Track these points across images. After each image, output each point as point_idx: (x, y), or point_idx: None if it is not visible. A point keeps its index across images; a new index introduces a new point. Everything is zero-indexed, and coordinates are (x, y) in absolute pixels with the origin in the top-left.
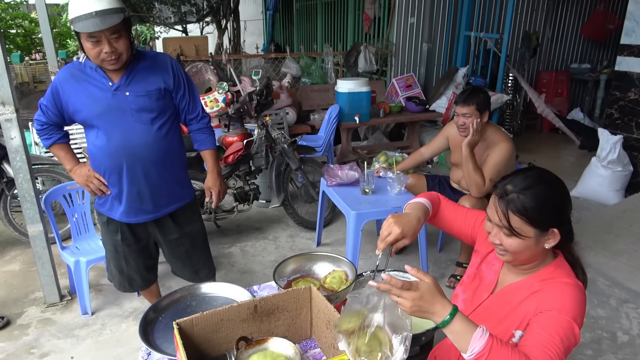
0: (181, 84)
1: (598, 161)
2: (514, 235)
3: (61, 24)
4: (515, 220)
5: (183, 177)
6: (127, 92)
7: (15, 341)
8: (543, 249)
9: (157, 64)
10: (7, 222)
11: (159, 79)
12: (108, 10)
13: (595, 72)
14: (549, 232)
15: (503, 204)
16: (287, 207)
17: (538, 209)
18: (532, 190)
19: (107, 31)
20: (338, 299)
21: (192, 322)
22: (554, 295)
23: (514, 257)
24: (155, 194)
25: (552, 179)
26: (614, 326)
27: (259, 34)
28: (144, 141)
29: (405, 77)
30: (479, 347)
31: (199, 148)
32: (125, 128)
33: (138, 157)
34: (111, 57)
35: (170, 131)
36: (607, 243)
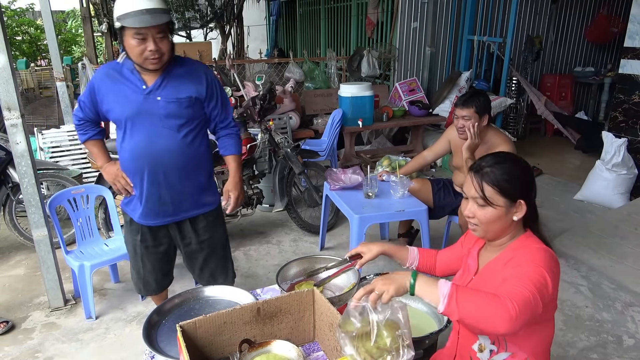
0: (214, 94)
1: (602, 164)
2: (487, 205)
3: (66, 31)
4: (489, 190)
5: (207, 184)
6: (158, 97)
7: (19, 345)
8: (512, 221)
9: (192, 72)
10: (12, 226)
11: (191, 87)
12: (157, 9)
13: (599, 76)
14: (516, 204)
15: (478, 177)
16: (290, 211)
17: (507, 180)
18: (502, 165)
19: (154, 29)
20: (341, 302)
21: (196, 324)
22: (525, 254)
23: (486, 229)
24: (176, 200)
25: (518, 158)
26: (619, 330)
27: (262, 40)
28: (169, 147)
29: (409, 81)
30: (447, 290)
31: (224, 153)
32: (152, 132)
33: (161, 162)
34: (154, 56)
35: (196, 139)
36: (612, 246)
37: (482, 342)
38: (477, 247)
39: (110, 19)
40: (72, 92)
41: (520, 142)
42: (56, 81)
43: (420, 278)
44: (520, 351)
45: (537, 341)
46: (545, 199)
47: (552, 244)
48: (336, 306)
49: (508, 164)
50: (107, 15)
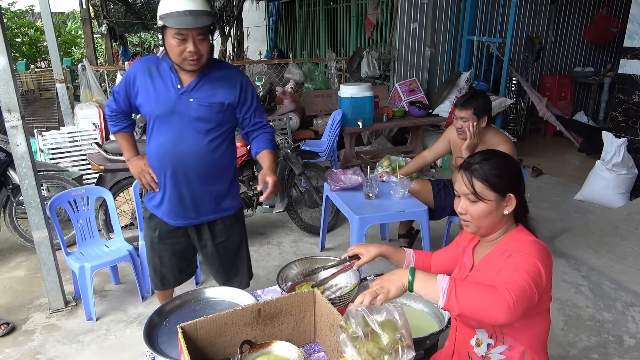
0: (247, 100)
1: (602, 164)
2: (478, 200)
3: (66, 32)
4: (479, 185)
5: (228, 190)
6: (191, 99)
7: (20, 347)
8: (503, 216)
9: (228, 77)
10: (12, 228)
11: (225, 93)
12: (201, 12)
13: (599, 76)
14: (506, 198)
15: (468, 174)
16: (290, 212)
17: (496, 175)
18: (490, 161)
19: (195, 31)
20: (341, 303)
21: (196, 325)
22: (518, 247)
23: (478, 224)
24: (197, 202)
25: (504, 155)
26: (620, 330)
27: (262, 40)
28: (193, 149)
29: (408, 81)
30: (445, 285)
31: (258, 149)
32: (180, 133)
33: (184, 164)
34: (193, 57)
35: (222, 145)
36: (612, 246)
37: (480, 337)
38: (472, 245)
39: (110, 20)
40: (72, 93)
41: (520, 142)
42: (56, 83)
43: (419, 274)
44: (517, 343)
45: (533, 333)
46: (545, 199)
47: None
48: (337, 307)
49: (496, 160)
50: (107, 16)
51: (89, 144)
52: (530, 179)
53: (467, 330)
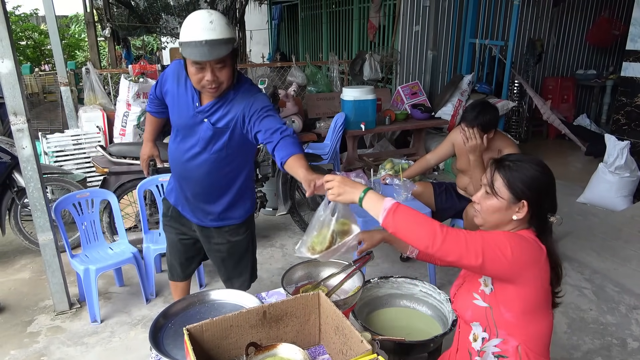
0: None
1: (605, 167)
2: (492, 195)
3: (70, 36)
4: (499, 181)
5: (234, 202)
6: (205, 119)
7: (25, 349)
8: (510, 219)
9: (240, 99)
10: (17, 230)
11: (232, 116)
12: (218, 41)
13: (602, 78)
14: (520, 203)
15: (496, 166)
16: (293, 215)
17: (519, 178)
18: (523, 164)
19: (213, 61)
20: (346, 305)
21: (202, 328)
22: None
23: (485, 217)
24: (201, 211)
25: (546, 169)
26: (623, 333)
27: (264, 44)
28: (198, 165)
29: (411, 84)
30: (388, 205)
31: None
32: (191, 147)
33: (188, 177)
34: (211, 86)
35: (229, 165)
36: (615, 249)
37: (475, 332)
38: None
39: (113, 23)
40: (76, 96)
41: (523, 144)
42: (60, 86)
43: (371, 194)
44: (511, 338)
45: (529, 332)
46: None
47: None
48: (341, 309)
49: (529, 165)
50: (110, 20)
51: (92, 146)
52: None
53: (466, 327)
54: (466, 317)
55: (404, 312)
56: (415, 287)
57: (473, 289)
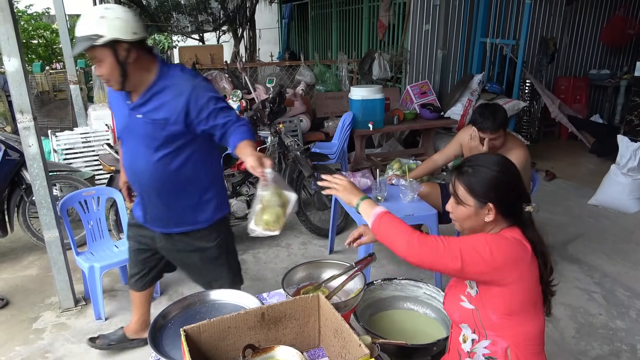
0: (203, 108)
1: (618, 169)
2: (459, 204)
3: None
4: (461, 189)
5: (199, 204)
6: (138, 115)
7: (30, 345)
8: (484, 222)
9: (173, 91)
10: (25, 227)
11: (168, 108)
12: (79, 38)
13: (615, 78)
14: (486, 206)
15: (456, 175)
16: (299, 215)
17: (479, 183)
18: (481, 168)
19: (90, 55)
20: (347, 307)
21: (200, 329)
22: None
23: (461, 224)
24: (161, 216)
25: (504, 165)
26: (633, 339)
27: (274, 43)
28: (145, 167)
29: (420, 84)
30: (378, 211)
31: (234, 143)
32: (134, 150)
33: (140, 181)
34: (104, 80)
35: (177, 159)
36: (627, 252)
37: (465, 333)
38: None
39: None
40: (86, 94)
41: (534, 145)
42: (70, 84)
43: (367, 201)
44: (500, 339)
45: (519, 332)
46: (559, 204)
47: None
48: (342, 311)
49: (487, 168)
50: None
51: (101, 144)
52: (544, 183)
53: (456, 328)
54: (455, 318)
55: (408, 314)
56: (419, 289)
57: (460, 291)
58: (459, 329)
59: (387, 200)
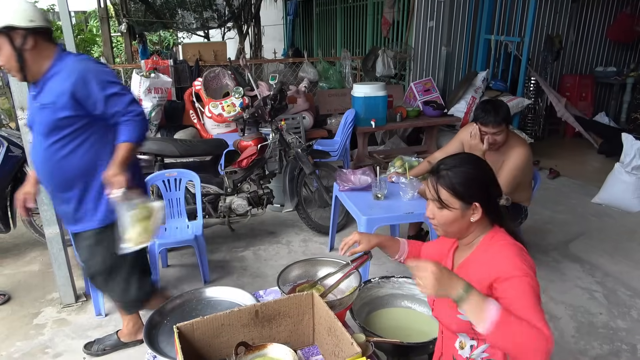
0: (90, 93)
1: (622, 167)
2: (443, 208)
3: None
4: (444, 193)
5: (83, 201)
6: (36, 103)
7: (31, 340)
8: (469, 222)
9: (63, 73)
10: (28, 223)
11: (57, 90)
12: None
13: (622, 76)
14: (472, 206)
15: (435, 179)
16: (300, 212)
17: (462, 183)
18: (459, 169)
19: None
20: (342, 306)
21: (193, 326)
22: (502, 259)
23: (445, 230)
24: (62, 211)
25: (477, 161)
26: (634, 338)
27: (280, 39)
28: (39, 155)
29: (424, 81)
30: (495, 315)
31: (117, 144)
32: (34, 139)
33: (38, 172)
34: (6, 70)
35: (66, 147)
36: (629, 252)
37: (462, 340)
38: (452, 248)
39: (130, 19)
40: None
41: (539, 143)
42: None
43: (474, 295)
44: None
45: None
46: (562, 202)
47: (521, 235)
48: (336, 310)
49: (464, 168)
50: (127, 15)
51: None
52: (547, 181)
53: (451, 335)
54: (452, 328)
55: (405, 312)
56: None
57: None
58: (454, 335)
59: (387, 198)
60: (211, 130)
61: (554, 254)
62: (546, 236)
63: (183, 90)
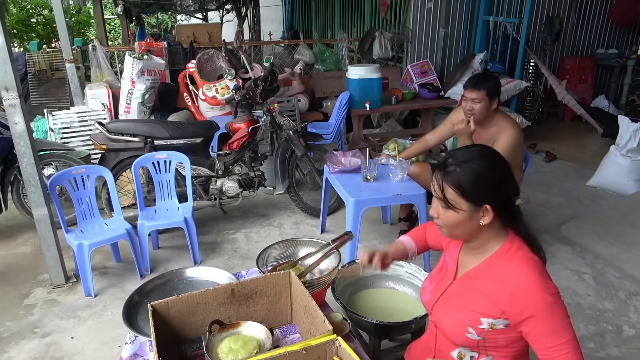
0: None
1: (617, 150)
2: (449, 208)
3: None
4: (450, 192)
5: None
6: None
7: (20, 321)
8: (479, 226)
9: None
10: (19, 205)
11: None
12: None
13: (623, 58)
14: (482, 209)
15: (441, 176)
16: (291, 194)
17: (472, 183)
18: (469, 165)
19: None
20: (320, 285)
21: (168, 304)
22: (527, 288)
23: (450, 232)
24: None
25: (493, 157)
26: (620, 319)
27: (279, 22)
28: None
29: (421, 63)
30: None
31: None
32: None
33: None
34: None
35: None
36: (620, 234)
37: (462, 351)
38: (457, 246)
39: (126, 1)
40: (83, 73)
41: (537, 126)
42: (66, 62)
43: None
44: (501, 356)
45: (519, 345)
46: (557, 185)
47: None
48: (315, 289)
49: (475, 164)
50: None
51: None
52: (543, 164)
53: (449, 343)
54: (455, 341)
55: (389, 293)
56: (401, 268)
57: (469, 322)
58: (452, 345)
59: (377, 179)
60: (205, 112)
61: (545, 237)
62: (539, 219)
63: (177, 72)
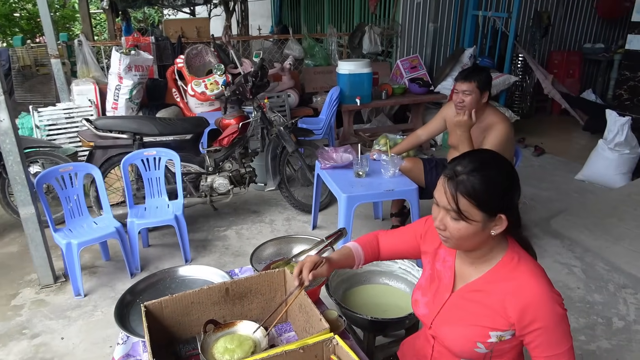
0: None
1: (605, 143)
2: (461, 220)
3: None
4: (464, 202)
5: None
6: None
7: (8, 322)
8: (488, 236)
9: None
10: (5, 204)
11: None
12: None
13: (610, 52)
14: (496, 218)
15: (452, 186)
16: (282, 190)
17: (487, 191)
18: (482, 172)
19: None
20: (314, 283)
21: (162, 304)
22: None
23: (459, 244)
24: None
25: (502, 162)
26: (609, 312)
27: (267, 16)
28: None
29: (410, 58)
30: None
31: None
32: None
33: None
34: None
35: None
36: (608, 227)
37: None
38: (451, 254)
39: None
40: (69, 69)
41: (526, 120)
42: (51, 58)
43: None
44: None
45: (517, 350)
46: (545, 179)
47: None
48: (310, 286)
49: (489, 171)
50: None
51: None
52: (532, 158)
53: (448, 355)
54: (461, 356)
55: (383, 289)
56: (395, 264)
57: (477, 338)
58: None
59: (369, 175)
60: (195, 108)
61: (535, 230)
62: (528, 213)
63: (165, 68)
